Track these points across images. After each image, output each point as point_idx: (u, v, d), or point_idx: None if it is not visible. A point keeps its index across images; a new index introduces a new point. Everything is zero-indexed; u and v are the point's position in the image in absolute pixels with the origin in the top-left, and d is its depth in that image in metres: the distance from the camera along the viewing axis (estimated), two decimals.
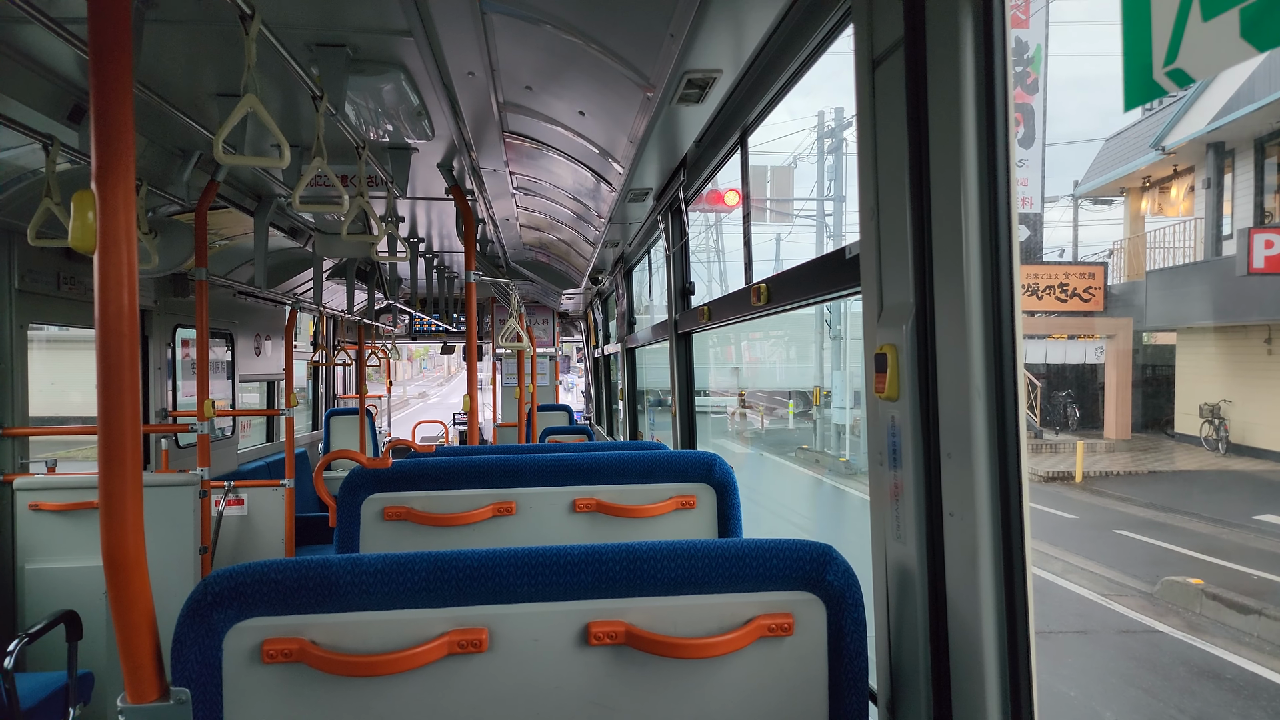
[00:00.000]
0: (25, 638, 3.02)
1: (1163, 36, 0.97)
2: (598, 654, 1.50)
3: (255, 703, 1.43)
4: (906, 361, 1.54)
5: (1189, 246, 19.42)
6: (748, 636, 1.51)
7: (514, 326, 4.74)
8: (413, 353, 45.90)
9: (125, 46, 1.26)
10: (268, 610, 1.43)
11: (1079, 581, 10.41)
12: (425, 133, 3.35)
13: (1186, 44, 0.94)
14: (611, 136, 3.38)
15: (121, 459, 1.26)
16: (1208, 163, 18.20)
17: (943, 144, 1.45)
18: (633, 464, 2.53)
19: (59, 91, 2.87)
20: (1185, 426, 19.37)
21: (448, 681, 1.47)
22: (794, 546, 1.56)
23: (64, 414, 12.55)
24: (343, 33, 2.51)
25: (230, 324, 6.72)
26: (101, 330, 1.25)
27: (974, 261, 1.40)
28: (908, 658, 1.58)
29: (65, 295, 4.39)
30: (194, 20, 2.43)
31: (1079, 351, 21.92)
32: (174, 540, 4.07)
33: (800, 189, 32.00)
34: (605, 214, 4.73)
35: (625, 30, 2.39)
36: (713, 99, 2.78)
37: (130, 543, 1.27)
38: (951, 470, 1.46)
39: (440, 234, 6.33)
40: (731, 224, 29.25)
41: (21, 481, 4.02)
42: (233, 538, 5.27)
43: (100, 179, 1.24)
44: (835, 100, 28.14)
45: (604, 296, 9.09)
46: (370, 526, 2.44)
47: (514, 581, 1.50)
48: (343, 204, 2.95)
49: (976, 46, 1.38)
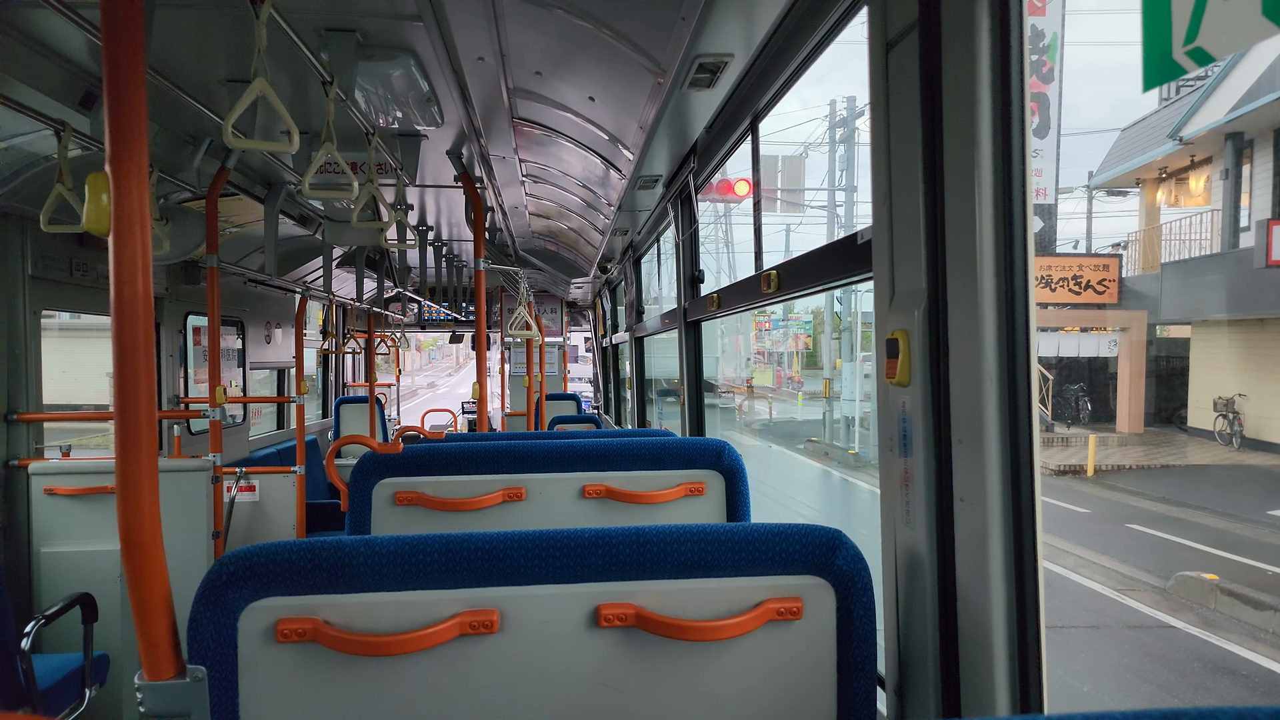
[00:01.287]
0: (42, 620, 3.05)
1: (1183, 14, 0.95)
2: (608, 636, 1.50)
3: (270, 681, 1.44)
4: (918, 347, 1.53)
5: (1205, 239, 19.26)
6: (757, 620, 1.51)
7: (523, 315, 4.74)
8: (421, 343, 46.04)
9: (137, 29, 1.26)
10: (282, 590, 1.45)
11: (1091, 576, 10.37)
12: (435, 119, 3.34)
13: (1207, 22, 0.92)
14: (621, 123, 3.37)
15: (137, 439, 1.27)
16: (1226, 153, 18.02)
17: (957, 128, 1.44)
18: (642, 450, 2.53)
19: (70, 77, 2.87)
20: (1199, 420, 19.26)
21: (459, 662, 1.48)
22: (803, 531, 1.55)
23: (76, 402, 12.64)
24: (352, 17, 2.50)
25: (241, 312, 6.75)
26: (117, 313, 1.26)
27: (987, 246, 1.39)
28: (916, 643, 1.58)
29: (77, 282, 4.42)
30: (204, 5, 2.42)
31: (1092, 344, 21.80)
32: (187, 525, 4.10)
33: (811, 180, 31.89)
34: (614, 201, 4.72)
35: (636, 13, 2.37)
36: (724, 84, 2.76)
37: (146, 522, 1.28)
38: (963, 456, 1.45)
39: (449, 222, 6.33)
40: (742, 215, 29.15)
41: (36, 466, 4.05)
42: (244, 523, 5.30)
43: (114, 162, 1.25)
44: (847, 90, 27.96)
45: (612, 286, 9.09)
46: (381, 511, 2.45)
47: (525, 564, 1.50)
48: (352, 190, 2.95)
49: (992, 29, 1.37)
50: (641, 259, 7.07)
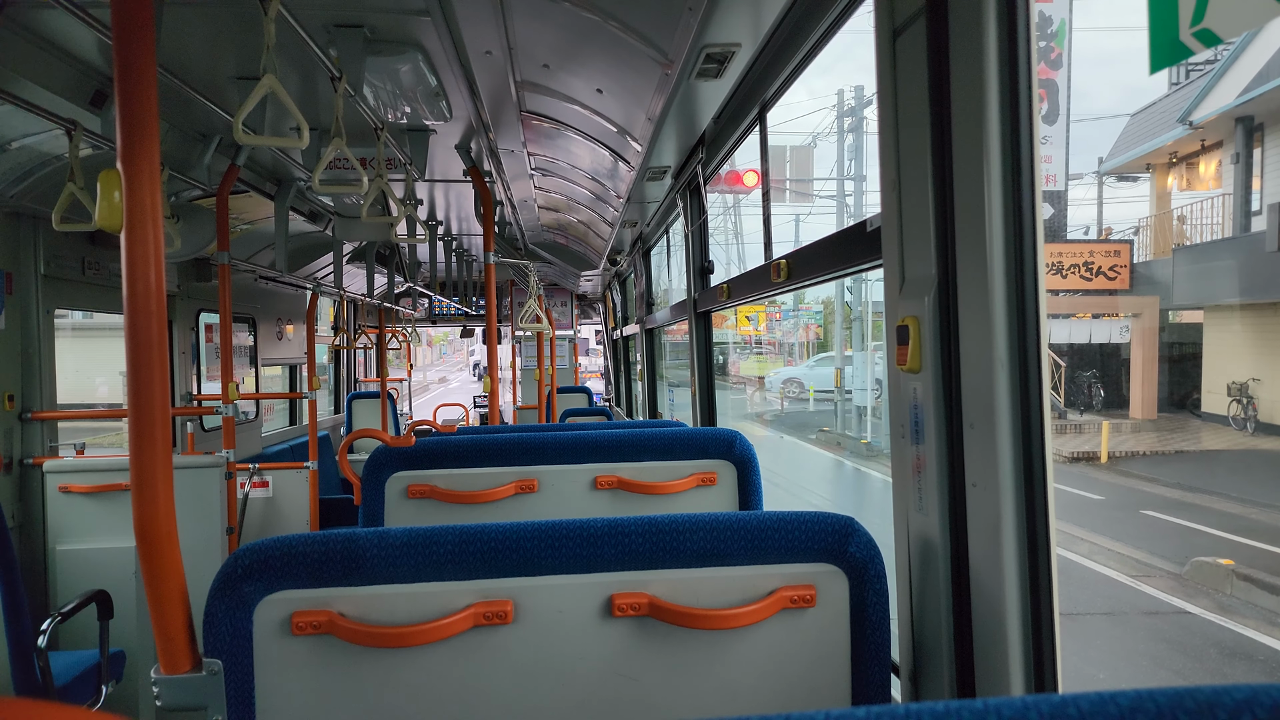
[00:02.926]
0: (58, 617, 3.07)
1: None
2: (621, 625, 1.51)
3: (285, 673, 1.46)
4: (928, 333, 1.53)
5: (1216, 223, 19.12)
6: (770, 608, 1.52)
7: (533, 308, 4.74)
8: (432, 338, 46.11)
9: (148, 29, 1.27)
10: (297, 583, 1.46)
11: (1106, 563, 10.34)
12: (443, 114, 3.35)
13: (1214, 2, 0.92)
14: (629, 114, 3.37)
15: (151, 434, 1.28)
16: (1236, 137, 17.87)
17: (965, 115, 1.43)
18: (653, 441, 2.54)
19: (81, 77, 2.89)
20: (1212, 406, 19.13)
21: (474, 653, 1.49)
22: (816, 519, 1.56)
23: (89, 401, 12.71)
24: (360, 13, 2.50)
25: (253, 308, 6.78)
26: (130, 309, 1.27)
27: (996, 231, 1.39)
28: (930, 629, 1.58)
29: (90, 280, 4.44)
30: (213, 2, 2.43)
31: (1104, 330, 21.69)
32: (201, 521, 4.12)
33: (819, 170, 31.77)
34: (623, 193, 4.72)
35: (643, 4, 2.37)
36: (731, 74, 2.75)
37: (162, 517, 1.30)
38: (974, 441, 1.45)
39: (459, 216, 6.34)
40: (751, 206, 29.09)
41: (51, 464, 4.08)
42: (258, 519, 5.34)
43: (126, 159, 1.26)
44: (854, 79, 27.83)
45: (622, 278, 9.09)
46: (395, 504, 2.46)
47: (539, 554, 1.51)
48: (362, 185, 2.96)
49: (999, 16, 1.37)
50: (651, 251, 7.07)
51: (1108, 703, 0.81)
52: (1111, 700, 0.81)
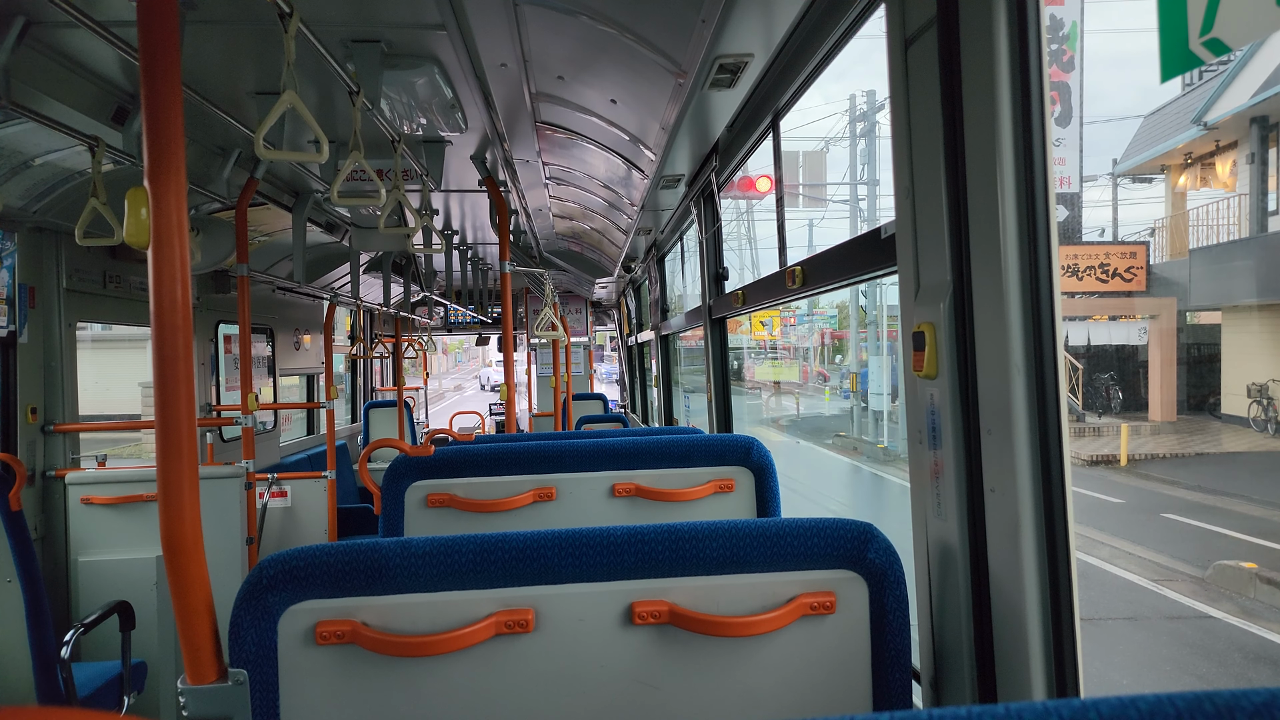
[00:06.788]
0: (80, 628, 3.08)
1: (1198, 5, 0.96)
2: (642, 633, 1.52)
3: (310, 683, 1.47)
4: (944, 339, 1.54)
5: (1233, 223, 18.97)
6: (790, 615, 1.52)
7: (549, 315, 4.77)
8: (448, 346, 46.28)
9: (173, 46, 1.29)
10: (321, 593, 1.47)
11: (1127, 567, 10.25)
12: (459, 125, 3.38)
13: (1223, 12, 0.93)
14: (643, 124, 3.39)
15: (178, 447, 1.30)
16: (1251, 137, 17.74)
17: (977, 122, 1.44)
18: (670, 448, 2.55)
19: (103, 93, 2.93)
20: (1232, 407, 18.95)
21: (496, 661, 1.50)
22: (835, 525, 1.56)
23: (109, 412, 12.83)
24: (377, 28, 2.54)
25: (270, 319, 6.83)
26: (157, 323, 1.28)
27: (1011, 237, 1.40)
28: (950, 634, 1.58)
29: (111, 293, 4.49)
30: (233, 20, 2.47)
31: (1121, 333, 21.54)
32: (222, 531, 4.15)
33: (833, 174, 31.72)
34: (637, 201, 4.74)
35: (657, 16, 2.39)
36: (744, 83, 2.77)
37: (188, 528, 1.31)
38: (992, 446, 1.45)
39: (474, 226, 6.38)
40: (764, 211, 29.06)
41: (73, 476, 4.12)
42: (277, 529, 5.37)
43: (153, 176, 1.28)
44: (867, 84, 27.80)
45: (636, 285, 9.11)
46: (414, 513, 2.48)
47: (559, 563, 1.52)
48: (379, 197, 2.99)
49: (1010, 23, 1.38)
50: (665, 258, 7.09)
51: (1128, 707, 0.81)
52: (1132, 704, 0.81)
